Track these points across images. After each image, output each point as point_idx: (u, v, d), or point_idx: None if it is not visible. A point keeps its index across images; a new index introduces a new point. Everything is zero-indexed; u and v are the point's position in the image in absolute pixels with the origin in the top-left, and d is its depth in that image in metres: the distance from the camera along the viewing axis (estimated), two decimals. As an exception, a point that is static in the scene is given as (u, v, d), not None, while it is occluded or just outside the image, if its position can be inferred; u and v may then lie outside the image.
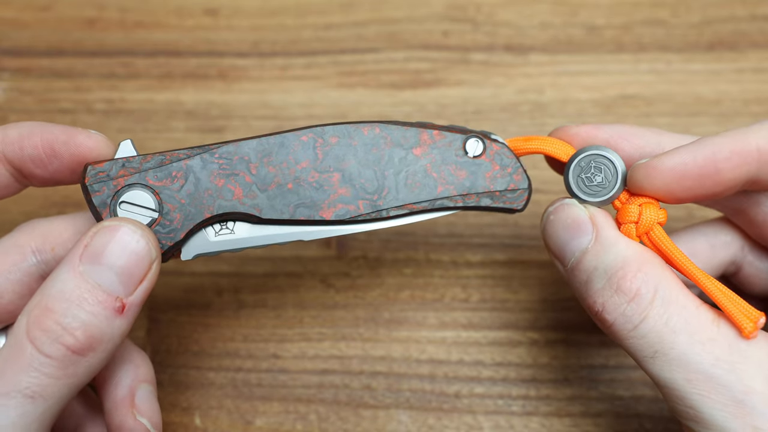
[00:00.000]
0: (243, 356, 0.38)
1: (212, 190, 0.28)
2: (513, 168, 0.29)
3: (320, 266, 0.39)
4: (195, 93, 0.44)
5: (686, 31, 0.44)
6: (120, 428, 0.29)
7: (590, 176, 0.28)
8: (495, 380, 0.37)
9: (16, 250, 0.28)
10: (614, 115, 0.42)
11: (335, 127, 0.28)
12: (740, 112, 0.42)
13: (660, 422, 0.35)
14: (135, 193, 0.27)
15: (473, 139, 0.29)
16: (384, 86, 0.44)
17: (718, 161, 0.26)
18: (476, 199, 0.29)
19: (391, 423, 0.36)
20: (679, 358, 0.25)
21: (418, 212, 0.29)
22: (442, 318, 0.38)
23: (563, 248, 0.27)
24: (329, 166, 0.28)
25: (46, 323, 0.24)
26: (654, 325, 0.25)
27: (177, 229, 0.28)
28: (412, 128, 0.29)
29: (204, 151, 0.28)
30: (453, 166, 0.29)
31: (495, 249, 0.39)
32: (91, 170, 0.27)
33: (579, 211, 0.27)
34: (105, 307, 0.25)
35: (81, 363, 0.24)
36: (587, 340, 0.37)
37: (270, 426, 0.37)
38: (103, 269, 0.25)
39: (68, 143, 0.27)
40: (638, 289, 0.25)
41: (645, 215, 0.27)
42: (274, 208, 0.28)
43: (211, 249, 0.29)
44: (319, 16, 0.46)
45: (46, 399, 0.24)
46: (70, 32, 0.46)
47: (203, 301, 0.39)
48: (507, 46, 0.44)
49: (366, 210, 0.28)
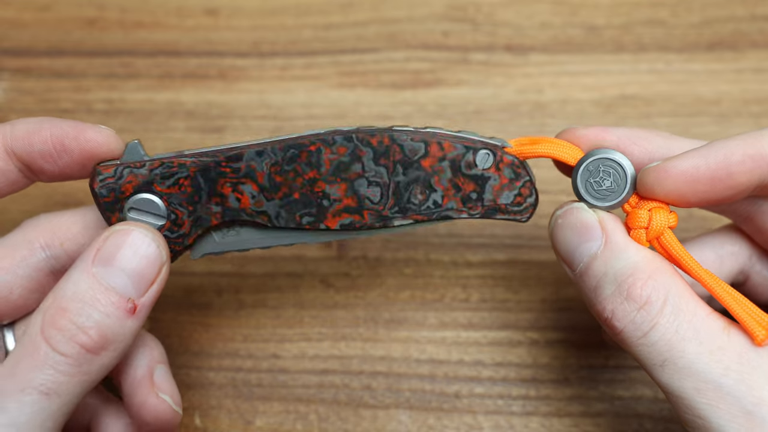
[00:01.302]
0: (243, 356, 0.38)
1: (219, 198, 0.28)
2: (522, 182, 0.28)
3: (320, 266, 0.39)
4: (195, 93, 0.44)
5: (686, 31, 0.44)
6: (142, 407, 0.30)
7: (599, 180, 0.28)
8: (495, 380, 0.37)
9: (25, 246, 0.29)
10: (614, 115, 0.42)
11: (344, 137, 0.28)
12: (740, 112, 0.42)
13: (660, 422, 0.35)
14: (144, 198, 0.28)
15: (483, 152, 0.28)
16: (384, 86, 0.44)
17: (731, 165, 0.25)
18: (481, 211, 0.29)
19: (391, 423, 0.36)
20: (688, 367, 0.24)
21: (422, 221, 0.29)
22: (442, 318, 0.38)
23: (572, 253, 0.27)
24: (336, 176, 0.28)
25: (60, 322, 0.25)
26: (663, 333, 0.25)
27: (185, 235, 0.28)
28: (422, 140, 0.28)
29: (212, 158, 0.28)
30: (461, 179, 0.28)
31: (495, 249, 0.39)
32: (99, 175, 0.27)
33: (588, 215, 0.27)
34: (117, 308, 0.25)
35: (94, 361, 0.25)
36: (587, 340, 0.37)
37: (270, 426, 0.37)
38: (115, 271, 0.26)
39: (78, 138, 0.28)
40: (648, 296, 0.25)
41: (655, 220, 0.27)
42: (280, 217, 0.28)
43: (218, 249, 0.29)
44: (319, 16, 0.46)
45: (60, 396, 0.24)
46: (70, 32, 0.46)
47: (203, 301, 0.39)
48: (507, 46, 0.44)
49: (371, 220, 0.28)
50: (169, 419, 0.30)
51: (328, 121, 0.43)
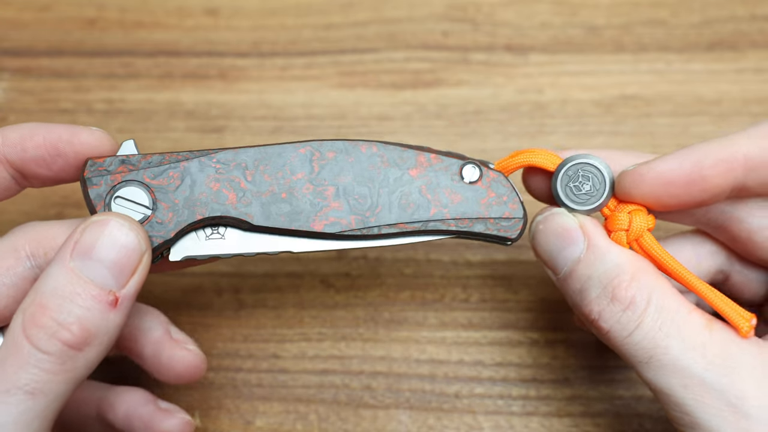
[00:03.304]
0: (243, 356, 0.38)
1: (207, 193, 0.28)
2: (509, 197, 0.29)
3: (320, 266, 0.39)
4: (195, 93, 0.44)
5: (686, 31, 0.44)
6: (173, 360, 0.31)
7: (578, 185, 0.28)
8: (495, 380, 0.37)
9: (12, 254, 0.28)
10: (614, 116, 0.42)
11: (334, 143, 0.29)
12: (740, 112, 0.42)
13: (660, 422, 0.35)
14: (130, 189, 0.28)
15: (470, 165, 0.29)
16: (384, 86, 0.44)
17: (704, 168, 0.26)
18: (469, 224, 0.29)
19: (391, 423, 0.36)
20: (672, 363, 0.25)
21: (409, 233, 0.29)
22: (442, 318, 0.38)
23: (555, 257, 0.28)
24: (324, 179, 0.28)
25: (41, 320, 0.24)
26: (648, 331, 0.25)
27: (168, 228, 0.28)
28: (410, 150, 0.29)
29: (203, 155, 0.28)
30: (448, 189, 0.29)
31: (495, 249, 0.39)
32: (91, 164, 0.28)
33: (569, 220, 0.28)
34: (98, 302, 0.25)
35: (78, 357, 0.25)
36: (587, 340, 0.37)
37: (270, 426, 0.37)
38: (93, 264, 0.25)
39: (72, 141, 0.28)
40: (633, 296, 0.26)
41: (635, 223, 0.27)
42: (266, 216, 0.28)
43: (200, 252, 0.29)
44: (319, 16, 0.46)
45: (46, 395, 0.24)
46: (70, 32, 0.46)
47: (203, 301, 0.39)
48: (507, 46, 0.44)
49: (357, 225, 0.28)
50: (200, 365, 0.32)
51: (328, 121, 0.43)
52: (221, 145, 0.42)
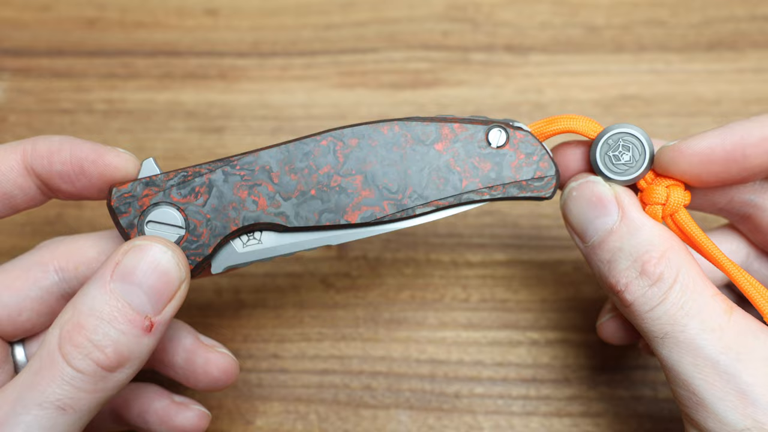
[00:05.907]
0: (243, 356, 0.38)
1: (236, 203, 0.28)
2: (539, 155, 0.28)
3: (320, 266, 0.39)
4: (195, 93, 0.44)
5: (686, 31, 0.44)
6: (208, 365, 0.31)
7: (618, 154, 0.28)
8: (495, 380, 0.37)
9: (39, 268, 0.29)
10: (614, 116, 0.42)
11: (354, 129, 0.28)
12: (740, 112, 0.42)
13: (660, 422, 0.35)
14: (161, 211, 0.27)
15: (496, 129, 0.28)
16: (384, 86, 0.44)
17: (746, 146, 0.26)
18: (503, 190, 0.28)
19: (391, 423, 0.36)
20: (688, 342, 0.25)
21: (444, 207, 0.28)
22: (442, 318, 0.38)
23: (586, 226, 0.27)
24: (351, 168, 0.28)
25: (77, 339, 0.24)
26: (669, 308, 0.25)
27: (205, 244, 0.27)
28: (432, 123, 0.28)
29: (225, 163, 0.28)
30: (477, 158, 0.28)
31: (495, 249, 0.39)
32: (116, 192, 0.27)
33: (605, 189, 0.27)
34: (134, 326, 0.25)
35: (110, 378, 0.25)
36: (587, 340, 0.37)
37: (270, 426, 0.37)
38: (133, 288, 0.25)
39: (97, 162, 0.27)
40: (661, 273, 0.26)
41: (672, 197, 0.27)
42: (299, 216, 0.28)
43: (240, 260, 0.29)
44: (319, 16, 0.46)
45: (76, 411, 0.24)
46: (70, 32, 0.46)
47: (203, 301, 0.39)
48: (507, 46, 0.44)
49: (391, 210, 0.28)
50: (234, 367, 0.32)
51: (327, 121, 0.43)
52: (221, 145, 0.42)
